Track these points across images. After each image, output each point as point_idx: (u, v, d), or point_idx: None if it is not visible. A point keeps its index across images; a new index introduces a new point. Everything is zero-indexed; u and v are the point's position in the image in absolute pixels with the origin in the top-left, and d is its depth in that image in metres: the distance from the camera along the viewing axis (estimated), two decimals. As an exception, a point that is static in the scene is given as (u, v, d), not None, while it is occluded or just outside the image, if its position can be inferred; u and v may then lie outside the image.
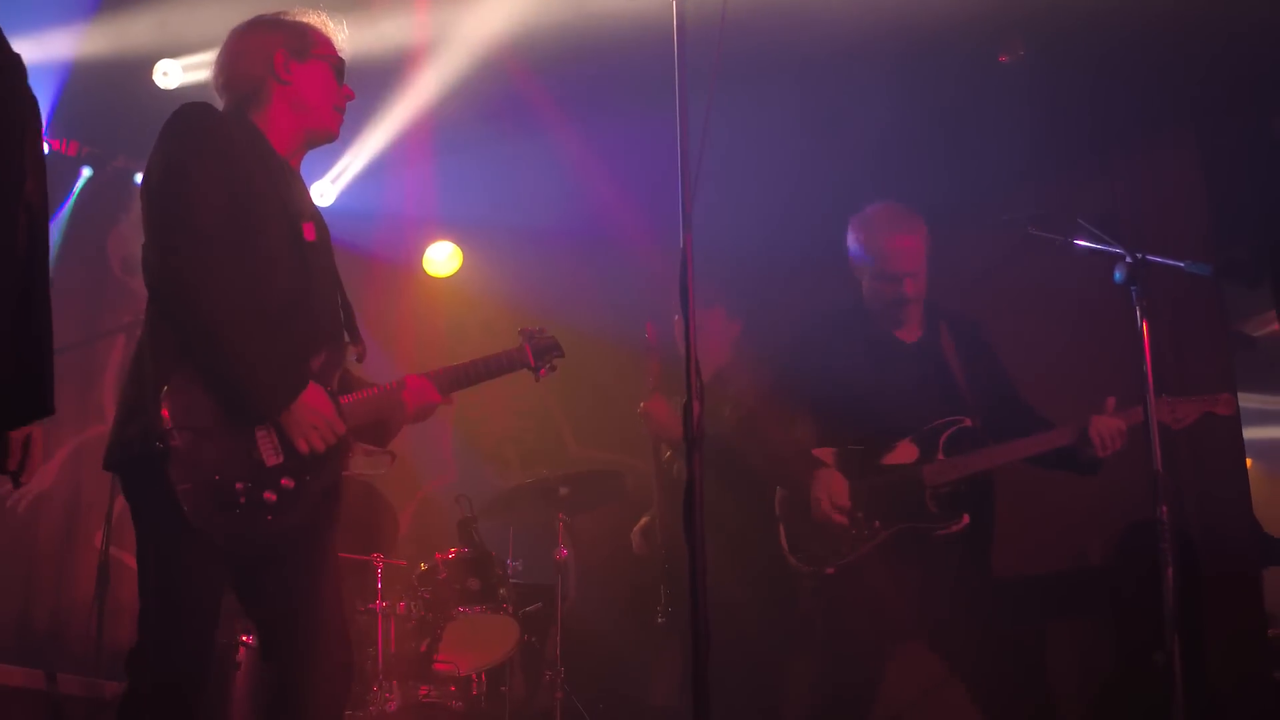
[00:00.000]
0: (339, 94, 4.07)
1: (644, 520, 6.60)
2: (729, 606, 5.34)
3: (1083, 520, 6.66)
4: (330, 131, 4.08)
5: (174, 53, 6.94)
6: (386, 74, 7.04)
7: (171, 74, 6.97)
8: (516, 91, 7.06)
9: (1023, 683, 4.85)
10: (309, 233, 3.90)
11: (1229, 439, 6.57)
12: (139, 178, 3.76)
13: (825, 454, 5.00)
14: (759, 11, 5.84)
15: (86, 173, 7.68)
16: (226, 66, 4.03)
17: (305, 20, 4.11)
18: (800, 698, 5.08)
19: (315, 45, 4.05)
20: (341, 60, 4.10)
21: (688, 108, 3.28)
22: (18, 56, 2.83)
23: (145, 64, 6.95)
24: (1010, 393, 5.11)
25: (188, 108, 3.79)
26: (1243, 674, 6.24)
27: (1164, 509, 4.16)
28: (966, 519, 4.83)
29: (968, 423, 4.93)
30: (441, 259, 8.60)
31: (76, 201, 7.63)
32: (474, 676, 6.20)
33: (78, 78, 6.86)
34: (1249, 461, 7.07)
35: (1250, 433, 6.91)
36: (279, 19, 4.10)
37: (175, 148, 3.72)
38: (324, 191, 7.96)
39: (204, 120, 3.79)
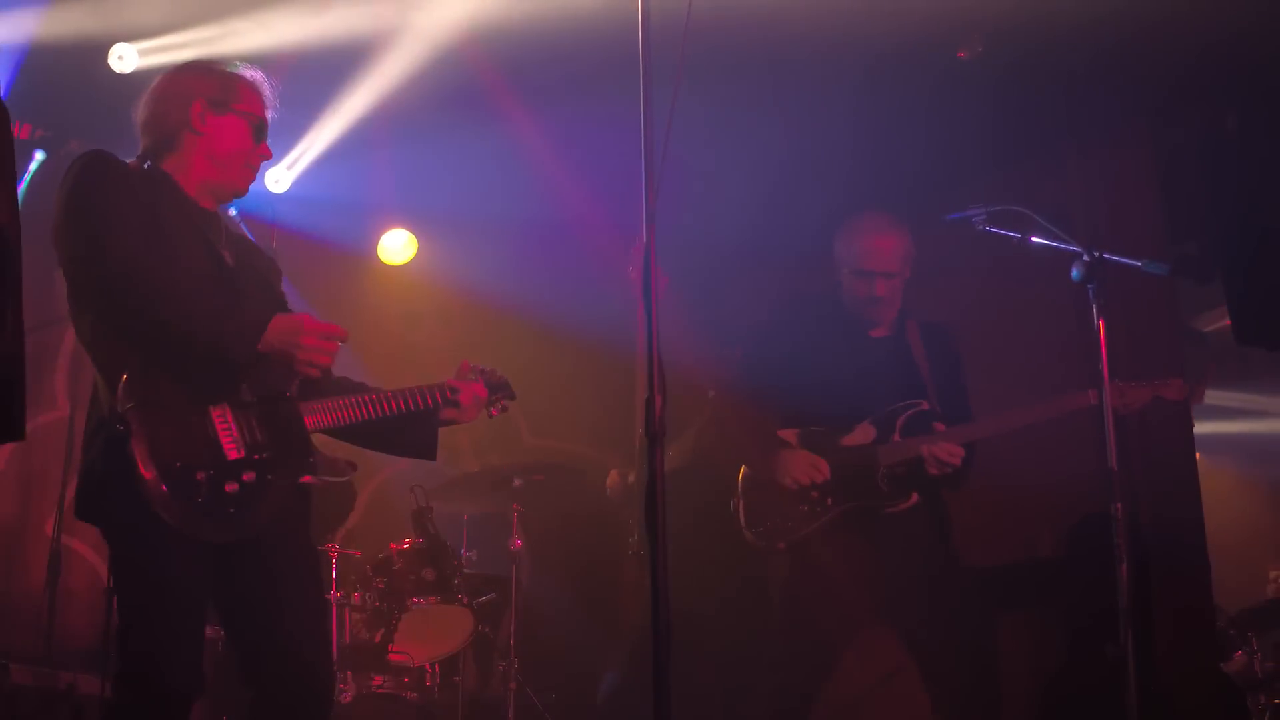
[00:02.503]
0: (253, 152, 4.06)
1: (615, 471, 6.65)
2: (693, 594, 5.43)
3: (1034, 512, 6.71)
4: (237, 188, 4.07)
5: (129, 36, 6.87)
6: (344, 61, 7.00)
7: (127, 58, 6.90)
8: (475, 80, 7.04)
9: (974, 674, 4.92)
10: (228, 259, 3.93)
11: (1179, 432, 6.63)
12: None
13: (789, 435, 5.14)
14: (724, 6, 5.84)
15: (40, 156, 7.59)
16: (147, 107, 4.03)
17: (235, 74, 4.10)
18: (760, 683, 5.14)
19: (238, 100, 4.04)
20: (263, 120, 4.08)
21: (652, 102, 3.27)
22: None
23: (100, 47, 6.88)
24: (961, 406, 5.21)
25: (85, 154, 3.77)
26: (1192, 666, 6.30)
27: (1119, 506, 4.21)
28: (915, 497, 5.00)
29: (925, 405, 5.08)
30: (396, 247, 8.58)
31: (29, 185, 7.54)
32: (428, 667, 6.20)
33: (32, 60, 6.79)
34: (1198, 455, 7.14)
35: (1200, 428, 6.97)
36: (209, 67, 4.11)
37: (74, 181, 3.72)
38: (279, 178, 7.91)
39: (102, 159, 3.78)
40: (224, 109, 4.00)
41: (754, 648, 5.85)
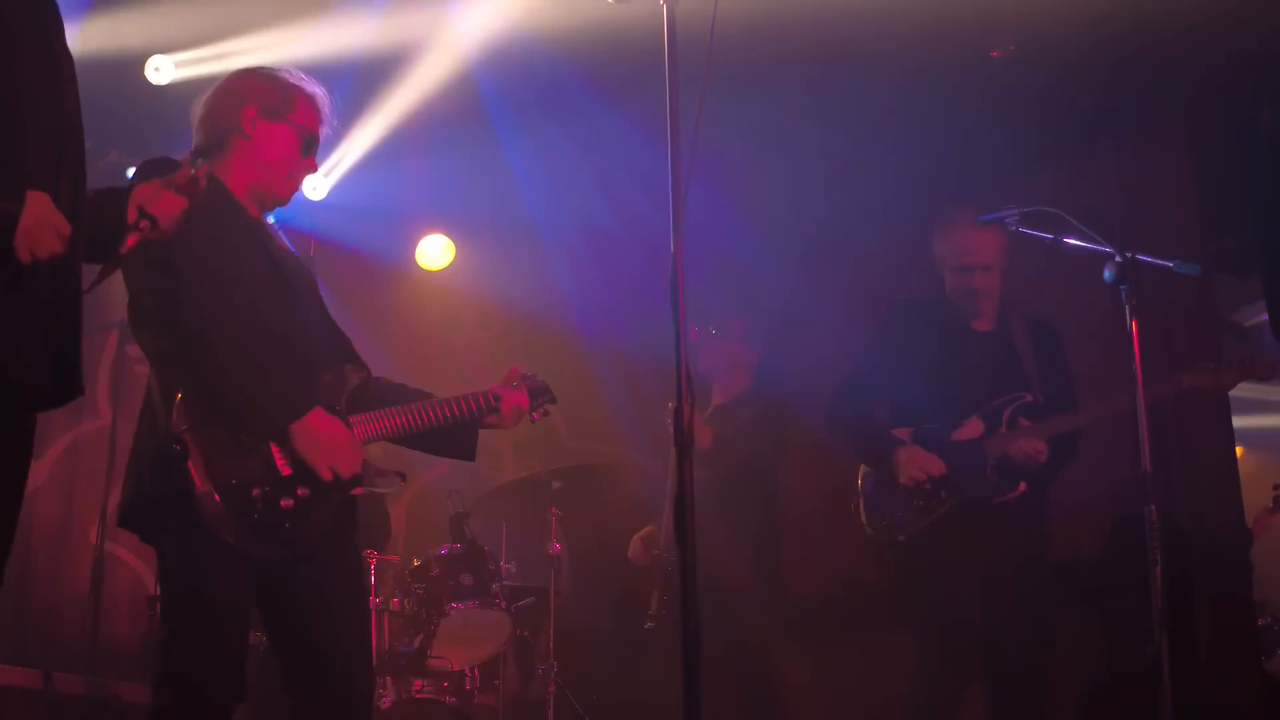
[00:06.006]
0: (298, 163, 4.06)
1: (648, 529, 6.65)
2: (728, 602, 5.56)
3: (1072, 512, 6.66)
4: (278, 196, 4.06)
5: (166, 48, 6.92)
6: (381, 68, 7.04)
7: (164, 70, 6.94)
8: (512, 86, 7.06)
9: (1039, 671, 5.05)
10: (286, 269, 3.97)
11: (1218, 427, 6.60)
12: (131, 172, 3.74)
13: (903, 433, 5.34)
14: (760, 11, 5.86)
15: (79, 167, 7.64)
16: (205, 106, 4.05)
17: (297, 85, 4.09)
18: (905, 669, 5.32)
19: (293, 111, 4.03)
20: (314, 134, 4.08)
21: (679, 110, 3.27)
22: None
23: (137, 59, 6.93)
24: (1066, 394, 5.38)
25: (147, 165, 3.73)
26: (1232, 664, 6.28)
27: (1152, 509, 4.20)
28: (1023, 486, 5.17)
29: (1029, 397, 5.27)
30: (434, 252, 8.57)
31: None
32: (467, 671, 6.22)
33: (70, 73, 6.84)
34: (1239, 450, 7.11)
35: (1239, 421, 6.94)
36: (273, 75, 4.10)
37: None
38: (317, 185, 7.93)
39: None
40: (277, 117, 4.00)
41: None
